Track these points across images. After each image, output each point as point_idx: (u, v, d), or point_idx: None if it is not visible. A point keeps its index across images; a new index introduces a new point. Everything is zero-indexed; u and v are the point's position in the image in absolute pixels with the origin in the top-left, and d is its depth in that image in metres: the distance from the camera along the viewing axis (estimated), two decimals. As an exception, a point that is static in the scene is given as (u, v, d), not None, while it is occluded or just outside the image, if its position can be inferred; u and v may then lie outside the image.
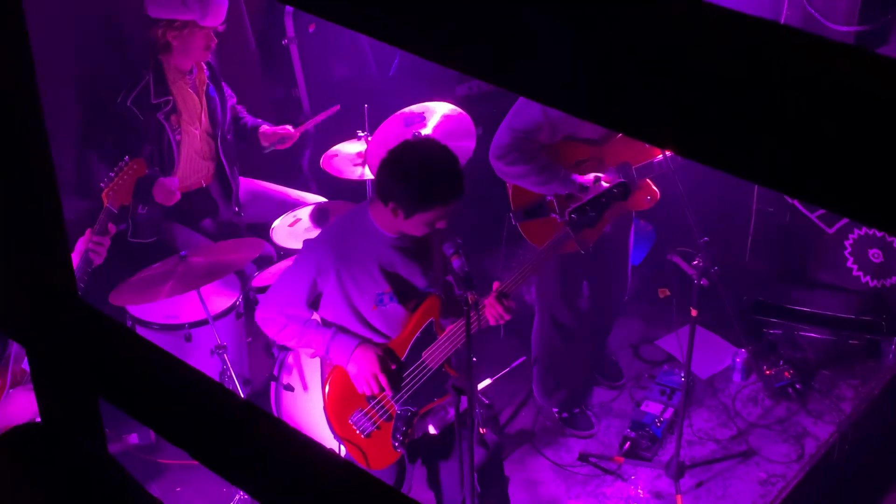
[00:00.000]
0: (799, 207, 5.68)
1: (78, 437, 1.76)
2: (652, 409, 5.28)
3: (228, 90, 5.38)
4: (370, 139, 5.15)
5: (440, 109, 5.23)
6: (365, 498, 1.40)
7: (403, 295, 3.95)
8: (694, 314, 4.67)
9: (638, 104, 0.93)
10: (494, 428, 5.19)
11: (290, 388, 4.71)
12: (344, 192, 5.64)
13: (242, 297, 5.00)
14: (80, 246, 4.36)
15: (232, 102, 5.41)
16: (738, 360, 5.50)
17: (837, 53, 0.83)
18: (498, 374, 5.40)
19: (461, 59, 1.03)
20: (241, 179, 5.50)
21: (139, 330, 4.79)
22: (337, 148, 5.34)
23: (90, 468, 1.52)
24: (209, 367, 4.71)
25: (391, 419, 4.02)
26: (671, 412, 5.23)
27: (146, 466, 4.97)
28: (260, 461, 1.50)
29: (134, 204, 5.08)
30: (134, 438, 5.00)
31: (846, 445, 5.14)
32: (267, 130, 5.45)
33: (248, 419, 1.51)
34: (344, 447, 4.13)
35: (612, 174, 4.62)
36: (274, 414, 4.63)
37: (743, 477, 5.01)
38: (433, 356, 4.00)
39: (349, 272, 3.88)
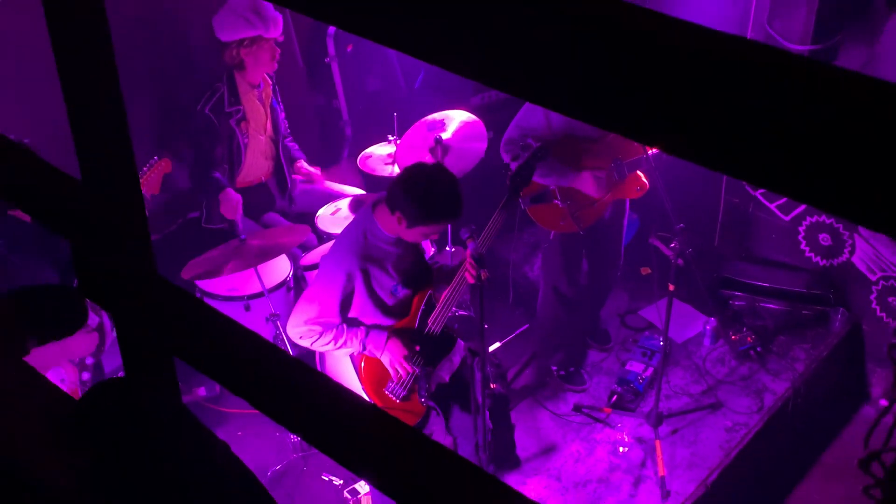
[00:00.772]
0: (760, 199, 5.66)
1: (156, 389, 1.76)
2: (635, 368, 5.29)
3: (279, 106, 5.39)
4: (399, 142, 5.14)
5: (458, 117, 5.22)
6: (392, 436, 1.40)
7: (409, 280, 3.97)
8: (671, 289, 4.66)
9: (630, 110, 0.93)
10: (503, 384, 5.19)
11: (332, 349, 4.75)
12: (376, 186, 5.64)
13: (292, 273, 5.01)
14: None
15: (282, 116, 5.42)
16: (708, 327, 5.50)
17: (796, 65, 0.82)
18: (506, 338, 5.41)
19: (484, 74, 1.02)
20: (293, 177, 5.52)
21: (207, 300, 4.81)
22: (371, 150, 5.34)
23: (167, 415, 1.53)
24: (265, 331, 4.72)
25: (417, 382, 4.04)
26: (651, 371, 5.23)
27: (212, 414, 5.00)
28: (307, 408, 1.50)
29: (208, 201, 5.12)
30: (202, 391, 5.03)
31: (799, 399, 5.13)
32: (302, 168, 5.48)
33: (297, 374, 1.52)
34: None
35: (606, 168, 4.61)
36: (318, 370, 4.64)
37: (712, 425, 5.01)
38: (436, 321, 4.02)
39: (372, 271, 3.89)
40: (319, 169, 5.53)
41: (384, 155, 5.27)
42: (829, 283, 5.53)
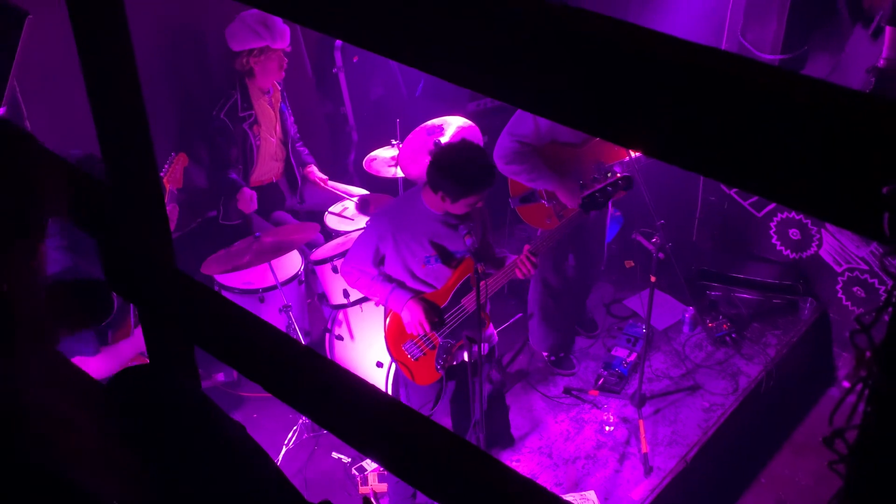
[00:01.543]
0: (735, 197, 5.66)
1: (177, 375, 1.76)
2: (620, 353, 5.29)
3: (288, 111, 5.39)
4: (401, 146, 5.14)
5: (455, 122, 5.21)
6: (394, 418, 1.40)
7: (446, 257, 4.00)
8: (653, 280, 4.66)
9: (616, 117, 0.93)
10: (499, 368, 5.19)
11: (339, 337, 4.73)
12: (381, 187, 5.64)
13: (303, 267, 5.01)
14: None
15: (291, 120, 5.42)
16: (686, 315, 5.50)
17: (766, 74, 0.82)
18: (501, 326, 5.40)
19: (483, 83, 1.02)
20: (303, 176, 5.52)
21: (224, 293, 4.81)
22: (375, 153, 5.34)
23: (187, 399, 1.53)
24: (278, 321, 4.71)
25: (434, 348, 4.08)
26: (635, 356, 5.23)
27: (230, 398, 5.00)
28: (316, 392, 1.51)
29: (225, 200, 5.13)
30: (221, 376, 5.03)
31: (771, 381, 5.14)
32: (312, 174, 5.48)
33: (307, 361, 1.52)
34: (397, 365, 4.20)
35: (589, 170, 4.60)
36: (327, 357, 4.65)
37: (690, 405, 5.01)
38: (470, 302, 4.04)
39: (404, 239, 3.95)
40: (328, 179, 5.53)
41: (388, 158, 5.27)
42: (798, 274, 5.53)
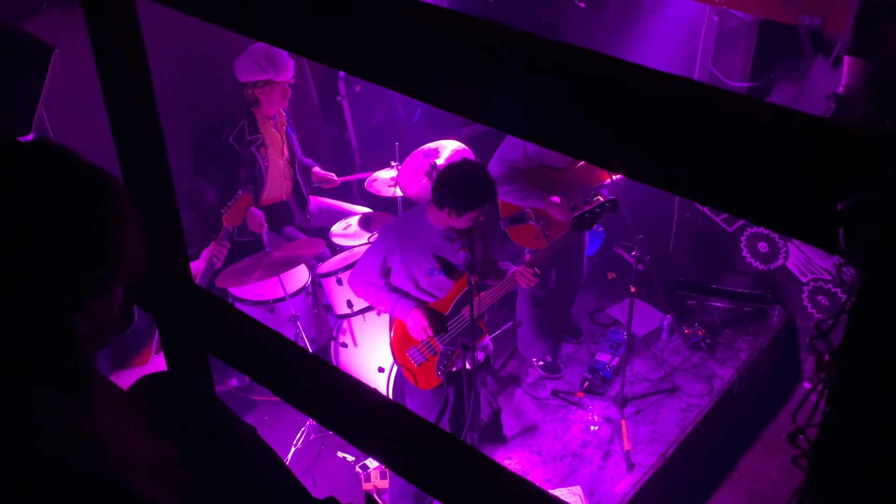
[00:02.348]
0: (708, 213, 5.68)
1: (194, 381, 1.76)
2: (603, 358, 5.28)
3: (293, 133, 5.39)
4: (400, 168, 5.15)
5: (450, 145, 5.22)
6: (394, 419, 1.40)
7: (448, 269, 3.99)
8: (633, 290, 4.67)
9: (599, 142, 0.93)
10: (491, 373, 5.19)
11: (344, 345, 4.72)
12: (382, 205, 5.64)
13: (310, 280, 5.01)
14: (205, 254, 4.38)
15: (297, 143, 5.42)
16: (665, 322, 5.50)
17: (735, 101, 0.83)
18: (493, 334, 5.40)
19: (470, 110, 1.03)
20: (310, 197, 5.51)
21: (237, 305, 4.80)
22: (376, 174, 5.34)
23: (203, 403, 1.53)
24: (287, 331, 4.71)
25: (436, 355, 4.06)
26: (617, 360, 5.23)
27: (242, 402, 4.99)
28: (322, 396, 1.50)
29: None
30: (234, 382, 5.02)
31: (743, 383, 5.13)
32: (318, 172, 5.47)
33: (314, 367, 1.52)
34: (401, 370, 4.17)
35: (574, 192, 4.62)
36: (332, 363, 4.64)
37: (669, 406, 5.01)
38: (470, 312, 4.04)
39: (410, 253, 3.94)
40: (334, 174, 5.50)
41: (388, 178, 5.27)
42: (767, 284, 5.54)
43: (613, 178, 4.59)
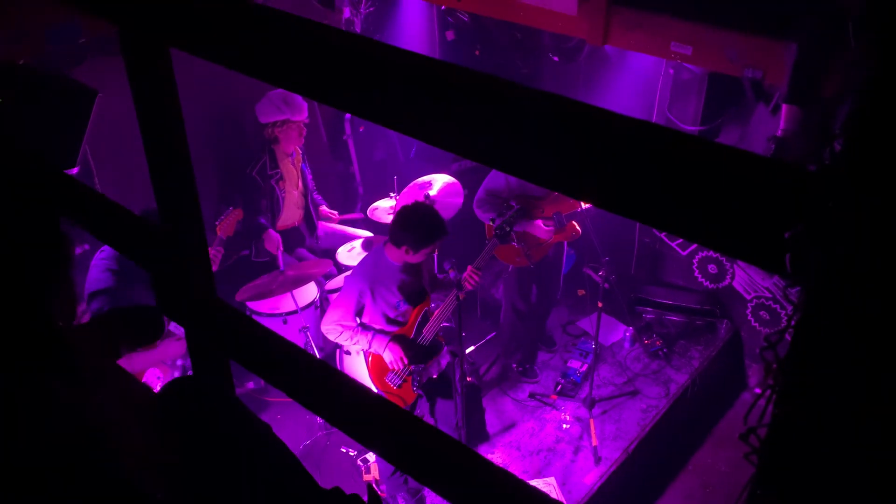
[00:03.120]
0: (664, 239, 5.70)
1: (217, 383, 1.74)
2: (574, 364, 5.27)
3: (307, 169, 5.40)
4: (398, 198, 5.15)
5: (441, 178, 5.24)
6: (391, 418, 1.39)
7: (410, 298, 3.96)
8: (600, 305, 4.67)
9: (572, 176, 0.93)
10: (476, 377, 5.17)
11: (348, 353, 4.70)
12: (382, 230, 5.64)
13: (319, 296, 4.99)
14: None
15: (310, 177, 5.42)
16: (627, 334, 5.50)
17: (689, 142, 0.83)
18: (478, 343, 5.39)
19: (461, 147, 1.03)
20: (319, 223, 5.51)
21: (254, 317, 4.78)
22: (377, 204, 5.35)
23: (224, 403, 1.51)
24: (298, 340, 4.69)
25: (410, 375, 4.01)
26: (586, 367, 5.22)
27: (258, 402, 4.96)
28: (328, 397, 1.49)
29: (256, 241, 5.10)
30: (251, 384, 4.99)
31: (695, 387, 5.13)
32: (324, 211, 5.47)
33: (321, 372, 1.50)
34: (384, 396, 4.12)
35: (551, 218, 4.63)
36: (338, 369, 4.61)
37: (631, 407, 5.00)
38: (429, 330, 4.01)
39: (379, 291, 3.90)
40: (337, 213, 5.52)
41: (387, 207, 5.28)
42: (715, 301, 5.55)
43: (583, 206, 4.60)
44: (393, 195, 5.26)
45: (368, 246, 5.26)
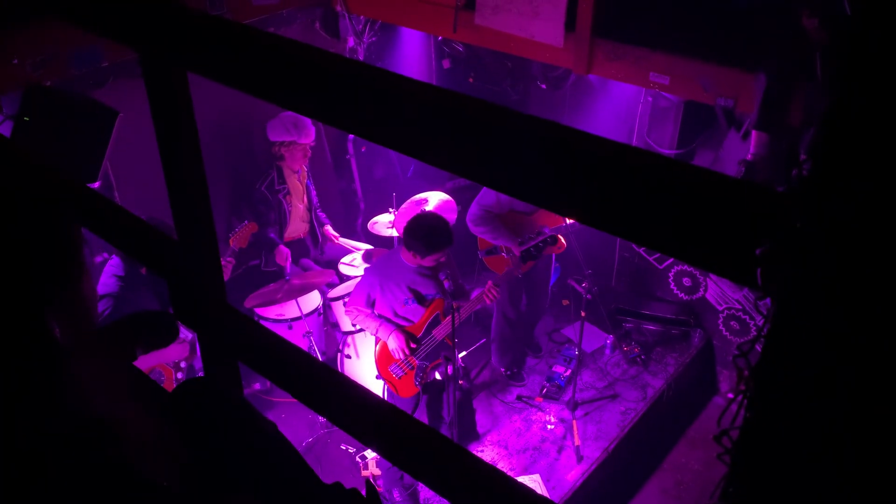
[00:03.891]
0: (643, 253, 5.71)
1: (226, 384, 1.74)
2: (559, 369, 5.27)
3: (312, 185, 5.40)
4: (396, 213, 5.15)
5: (437, 195, 5.24)
6: (388, 418, 1.38)
7: (420, 299, 3.97)
8: (583, 315, 4.67)
9: (557, 193, 0.93)
10: (467, 380, 5.16)
11: (348, 356, 4.69)
12: (381, 243, 5.64)
13: (321, 304, 4.98)
14: None
15: (314, 193, 5.42)
16: (608, 341, 5.50)
17: (666, 164, 0.83)
18: (469, 349, 5.38)
19: (454, 166, 1.03)
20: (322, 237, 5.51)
21: (261, 322, 4.76)
22: (377, 218, 5.35)
23: (233, 403, 1.50)
24: (302, 344, 4.68)
25: (413, 369, 4.03)
26: (570, 371, 5.21)
27: (264, 402, 4.94)
28: (330, 397, 1.48)
29: (266, 252, 5.10)
30: (258, 385, 4.97)
31: (670, 391, 5.13)
32: (327, 231, 5.45)
33: (324, 374, 1.50)
34: (385, 383, 4.14)
35: (539, 232, 4.63)
36: (339, 371, 4.60)
37: (611, 410, 4.99)
38: (439, 332, 4.01)
39: (388, 287, 3.95)
40: (339, 236, 5.52)
41: (386, 222, 5.28)
42: (690, 311, 5.56)
43: (568, 222, 4.61)
44: (392, 210, 5.26)
45: (368, 258, 5.25)
